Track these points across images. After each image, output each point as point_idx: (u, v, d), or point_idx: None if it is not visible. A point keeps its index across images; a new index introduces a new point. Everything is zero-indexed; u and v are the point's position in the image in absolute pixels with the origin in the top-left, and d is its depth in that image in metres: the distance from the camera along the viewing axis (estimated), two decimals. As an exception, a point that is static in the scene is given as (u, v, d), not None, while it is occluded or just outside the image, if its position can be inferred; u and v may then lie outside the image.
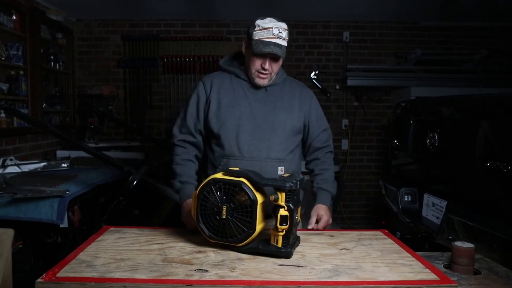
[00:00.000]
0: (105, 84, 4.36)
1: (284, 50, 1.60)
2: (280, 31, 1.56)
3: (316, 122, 1.80)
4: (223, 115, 1.65)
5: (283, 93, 1.73)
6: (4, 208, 2.05)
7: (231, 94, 1.68)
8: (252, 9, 4.09)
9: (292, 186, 1.25)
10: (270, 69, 1.63)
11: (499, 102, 2.04)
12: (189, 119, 1.72)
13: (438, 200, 2.37)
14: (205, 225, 1.33)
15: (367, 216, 4.69)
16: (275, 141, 1.66)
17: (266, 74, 1.64)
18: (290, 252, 1.27)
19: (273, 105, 1.69)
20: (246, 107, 1.66)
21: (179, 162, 1.69)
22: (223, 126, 1.65)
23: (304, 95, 1.78)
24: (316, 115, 1.80)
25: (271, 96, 1.70)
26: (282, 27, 1.58)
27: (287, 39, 1.60)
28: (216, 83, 1.71)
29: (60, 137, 2.68)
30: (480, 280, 1.30)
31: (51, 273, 1.12)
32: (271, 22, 1.56)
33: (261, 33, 1.56)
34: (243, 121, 1.64)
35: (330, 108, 4.59)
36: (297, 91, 1.77)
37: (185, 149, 1.72)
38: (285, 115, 1.68)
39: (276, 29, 1.56)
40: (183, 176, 1.66)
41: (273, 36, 1.56)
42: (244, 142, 1.64)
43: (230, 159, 1.64)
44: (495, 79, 4.04)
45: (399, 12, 4.20)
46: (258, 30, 1.57)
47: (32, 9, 3.42)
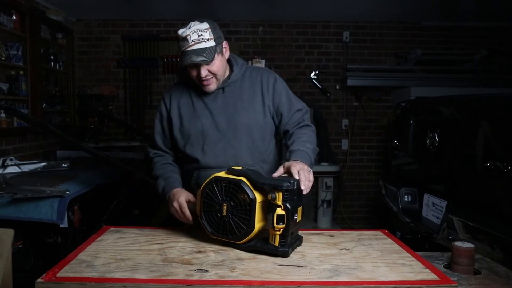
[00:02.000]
0: (105, 84, 4.36)
1: (210, 52, 1.49)
2: (200, 34, 1.47)
3: (285, 107, 1.65)
4: (186, 130, 1.63)
5: (242, 90, 1.64)
6: (4, 208, 2.05)
7: (191, 106, 1.64)
8: (252, 9, 4.09)
9: (289, 186, 1.26)
10: (208, 74, 1.54)
11: (499, 102, 2.04)
12: (157, 138, 1.72)
13: (438, 200, 2.37)
14: (207, 222, 1.36)
15: (367, 216, 4.69)
16: (241, 147, 1.61)
17: (208, 81, 1.56)
18: (287, 251, 1.28)
19: (234, 108, 1.61)
20: (207, 118, 1.61)
21: (158, 167, 1.70)
22: (188, 141, 1.64)
23: (265, 83, 1.65)
24: (284, 99, 1.66)
25: (230, 98, 1.62)
26: (202, 28, 1.48)
27: (213, 36, 1.50)
28: (175, 97, 1.67)
29: (60, 137, 2.69)
30: (480, 280, 1.30)
31: (51, 273, 1.12)
32: (188, 29, 1.48)
33: (182, 44, 1.50)
34: (206, 132, 1.61)
35: (330, 108, 4.59)
36: (257, 82, 1.65)
37: (162, 157, 1.73)
38: (247, 117, 1.61)
39: (194, 34, 1.47)
40: (165, 174, 1.66)
41: (192, 43, 1.47)
42: (210, 154, 1.61)
43: (200, 171, 1.63)
44: (495, 79, 4.04)
45: (399, 12, 4.20)
46: (180, 41, 1.50)
47: (32, 9, 3.42)
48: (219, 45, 1.53)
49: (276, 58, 4.51)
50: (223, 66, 1.59)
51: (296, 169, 1.37)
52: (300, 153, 1.50)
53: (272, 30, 4.51)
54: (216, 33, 1.51)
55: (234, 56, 1.70)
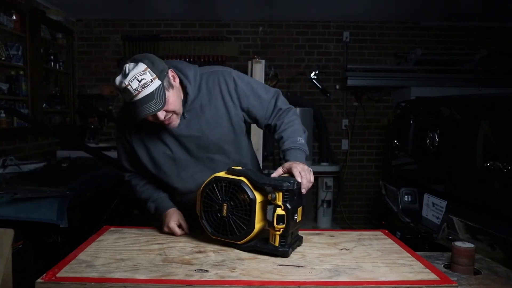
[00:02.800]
0: (105, 84, 4.36)
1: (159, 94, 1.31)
2: (140, 80, 1.29)
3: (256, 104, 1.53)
4: (157, 160, 1.52)
5: (203, 107, 1.49)
6: (4, 208, 2.05)
7: (154, 133, 1.50)
8: (252, 9, 4.09)
9: (289, 186, 1.26)
10: (166, 115, 1.38)
11: (499, 102, 2.04)
12: (125, 165, 1.62)
13: (438, 200, 2.37)
14: (207, 222, 1.36)
15: (367, 216, 4.69)
16: (217, 165, 1.51)
17: (169, 120, 1.41)
18: (287, 251, 1.28)
19: (199, 127, 1.48)
20: (174, 144, 1.50)
21: (140, 190, 1.63)
22: (161, 170, 1.53)
23: (226, 92, 1.49)
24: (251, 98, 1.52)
25: (193, 119, 1.48)
26: (139, 71, 1.30)
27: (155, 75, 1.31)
28: (134, 126, 1.50)
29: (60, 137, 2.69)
30: (480, 280, 1.30)
31: (51, 273, 1.12)
32: (125, 78, 1.30)
33: (125, 96, 1.33)
34: (178, 159, 1.51)
35: (330, 108, 4.59)
36: (217, 93, 1.49)
37: (138, 178, 1.65)
38: (214, 135, 1.49)
39: (134, 82, 1.29)
40: (153, 196, 1.60)
41: (136, 92, 1.29)
42: (188, 179, 1.53)
43: (182, 196, 1.58)
44: (495, 79, 4.05)
45: (399, 12, 4.20)
46: (121, 93, 1.34)
47: (32, 9, 3.42)
48: (165, 79, 1.36)
49: (276, 58, 4.51)
50: (179, 98, 1.44)
51: (297, 170, 1.34)
52: (294, 152, 1.44)
53: (272, 30, 4.51)
54: (157, 69, 1.33)
55: (183, 72, 1.49)
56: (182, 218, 1.54)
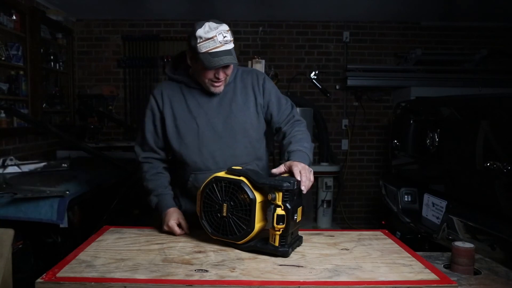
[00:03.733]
0: (105, 84, 4.36)
1: (234, 53, 1.49)
2: (224, 35, 1.45)
3: (275, 105, 1.67)
4: (181, 132, 1.59)
5: (236, 92, 1.63)
6: (4, 208, 2.05)
7: (184, 106, 1.60)
8: (252, 9, 4.09)
9: (289, 186, 1.26)
10: (224, 77, 1.54)
11: (499, 102, 2.04)
12: (148, 137, 1.66)
13: (438, 200, 2.37)
14: (208, 222, 1.36)
15: (367, 216, 4.69)
16: (238, 147, 1.60)
17: (221, 82, 1.55)
18: (287, 251, 1.28)
19: (229, 108, 1.60)
20: (202, 118, 1.59)
21: (148, 178, 1.65)
22: (183, 143, 1.59)
23: (256, 83, 1.66)
24: (274, 98, 1.68)
25: (225, 99, 1.61)
26: (225, 29, 1.46)
27: (232, 39, 1.48)
28: (167, 96, 1.62)
29: (60, 137, 2.69)
30: (480, 280, 1.30)
31: (51, 273, 1.12)
32: (212, 30, 1.44)
33: (207, 45, 1.44)
34: (202, 133, 1.58)
35: (330, 108, 4.59)
36: (249, 83, 1.66)
37: (151, 164, 1.67)
38: (242, 117, 1.61)
39: (220, 36, 1.44)
40: (157, 190, 1.62)
41: (220, 44, 1.44)
42: (208, 155, 1.59)
43: (197, 174, 1.60)
44: (495, 79, 4.04)
45: (399, 12, 4.20)
46: (202, 42, 1.44)
47: (32, 9, 3.42)
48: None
49: (276, 58, 4.51)
50: None
51: (298, 169, 1.37)
52: (299, 153, 1.49)
53: (272, 30, 4.51)
54: (232, 36, 1.50)
55: None
56: (182, 218, 1.55)
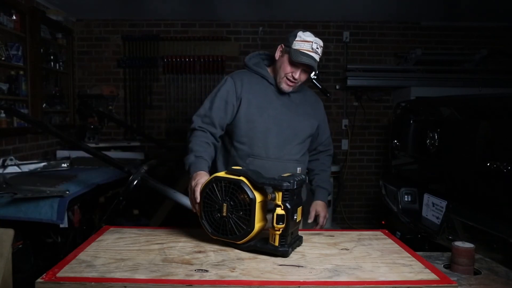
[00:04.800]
0: (105, 84, 4.36)
1: (316, 65, 1.69)
2: (317, 47, 1.66)
3: (323, 129, 1.95)
4: (253, 116, 1.72)
5: (302, 100, 1.84)
6: (4, 208, 2.05)
7: (262, 96, 1.75)
8: (252, 9, 4.09)
9: (289, 186, 1.26)
10: (299, 79, 1.71)
11: (499, 102, 2.04)
12: (215, 112, 1.70)
13: (438, 200, 2.37)
14: (208, 222, 1.36)
15: (367, 216, 4.69)
16: (295, 144, 1.78)
17: (294, 83, 1.72)
18: (287, 251, 1.28)
19: (295, 111, 1.79)
20: (273, 111, 1.74)
21: (197, 142, 1.64)
22: (253, 126, 1.72)
23: (317, 104, 1.92)
24: (324, 122, 1.96)
25: (294, 102, 1.81)
26: (320, 44, 1.68)
27: (320, 55, 1.69)
28: (247, 83, 1.76)
29: (60, 137, 2.68)
30: (480, 280, 1.30)
31: (51, 273, 1.12)
32: (311, 37, 1.66)
33: (301, 44, 1.64)
34: (271, 124, 1.72)
35: (330, 108, 4.58)
36: (312, 100, 1.91)
37: (205, 134, 1.69)
38: (304, 122, 1.81)
39: (315, 44, 1.65)
40: (200, 152, 1.60)
41: (311, 50, 1.64)
42: (271, 144, 1.72)
43: (256, 159, 1.72)
44: (495, 79, 4.04)
45: (399, 12, 4.20)
46: (299, 41, 1.65)
47: (32, 9, 3.42)
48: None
49: (276, 58, 4.50)
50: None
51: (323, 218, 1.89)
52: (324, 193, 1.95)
53: (272, 30, 4.51)
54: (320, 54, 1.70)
55: None
56: None
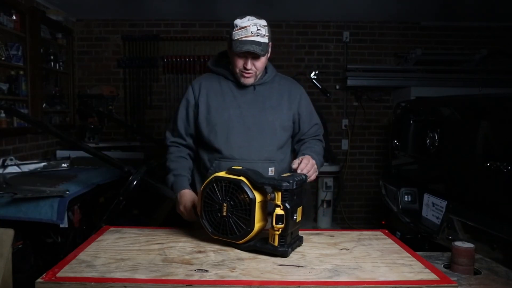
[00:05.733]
0: (105, 84, 4.36)
1: (264, 47, 1.58)
2: (258, 28, 1.56)
3: (306, 118, 1.78)
4: (213, 120, 1.67)
5: (272, 92, 1.73)
6: (4, 208, 2.05)
7: (220, 97, 1.70)
8: (252, 9, 4.08)
9: (288, 185, 1.26)
10: (253, 68, 1.62)
11: (499, 102, 2.04)
12: (179, 124, 1.75)
13: (438, 200, 2.37)
14: (208, 221, 1.37)
15: (367, 216, 4.69)
16: (264, 142, 1.68)
17: (250, 73, 1.63)
18: (286, 251, 1.28)
19: (262, 105, 1.69)
20: (235, 109, 1.67)
21: (172, 159, 1.74)
22: (213, 129, 1.67)
23: (294, 92, 1.77)
24: (306, 111, 1.79)
25: (260, 96, 1.71)
26: (261, 24, 1.58)
27: (268, 35, 1.60)
28: (205, 86, 1.73)
29: (60, 137, 2.68)
30: (480, 280, 1.30)
31: (51, 273, 1.12)
32: (248, 21, 1.56)
33: (239, 33, 1.56)
34: (233, 123, 1.66)
35: (330, 108, 4.59)
36: (286, 89, 1.76)
37: (178, 148, 1.77)
38: (273, 115, 1.69)
39: (254, 27, 1.55)
40: (177, 170, 1.70)
41: (251, 34, 1.55)
42: (234, 144, 1.66)
43: (221, 161, 1.67)
44: (495, 79, 4.04)
45: (399, 12, 4.20)
46: (236, 30, 1.57)
47: (32, 9, 3.42)
48: (269, 44, 1.63)
49: (276, 58, 4.50)
50: (264, 65, 1.68)
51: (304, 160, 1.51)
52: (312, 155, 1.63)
53: (272, 30, 4.48)
54: (269, 33, 1.61)
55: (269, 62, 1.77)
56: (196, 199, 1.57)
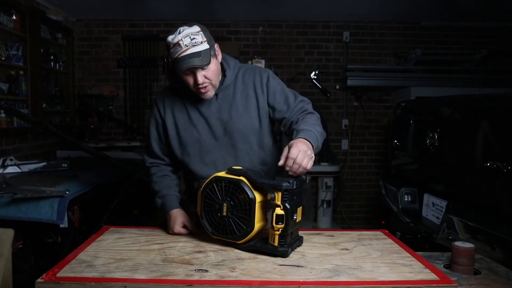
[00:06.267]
0: (105, 84, 4.36)
1: (205, 54, 1.42)
2: (192, 38, 1.40)
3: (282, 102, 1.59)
4: (183, 140, 1.59)
5: (235, 95, 1.59)
6: (4, 208, 2.05)
7: (185, 114, 1.59)
8: (252, 9, 4.09)
9: (288, 186, 1.26)
10: (205, 80, 1.47)
11: (499, 102, 2.04)
12: (153, 145, 1.67)
13: (438, 200, 2.37)
14: (208, 221, 1.37)
15: (367, 216, 4.69)
16: (240, 154, 1.59)
17: (205, 86, 1.49)
18: (286, 251, 1.28)
19: (228, 115, 1.57)
20: (203, 126, 1.58)
21: (155, 180, 1.67)
22: (185, 151, 1.60)
23: (258, 84, 1.60)
24: (278, 95, 1.60)
25: (224, 103, 1.58)
26: (193, 31, 1.42)
27: (206, 39, 1.44)
28: (169, 104, 1.62)
29: (60, 137, 2.68)
30: (480, 280, 1.30)
31: (51, 273, 1.12)
32: (179, 34, 1.41)
33: (175, 50, 1.41)
34: (203, 141, 1.58)
35: (330, 108, 4.59)
36: (250, 84, 1.60)
37: (158, 168, 1.69)
38: (242, 123, 1.57)
39: (186, 39, 1.40)
40: (162, 191, 1.64)
41: (186, 47, 1.40)
42: (210, 163, 1.59)
43: (201, 181, 1.56)
44: (495, 79, 4.05)
45: (399, 12, 4.20)
46: (172, 48, 1.43)
47: (32, 9, 3.42)
48: (212, 48, 1.47)
49: (276, 58, 4.51)
50: (218, 70, 1.54)
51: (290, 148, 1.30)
52: (307, 132, 1.41)
53: (272, 30, 4.51)
54: (207, 36, 1.46)
55: (226, 58, 1.62)
56: (187, 219, 1.55)
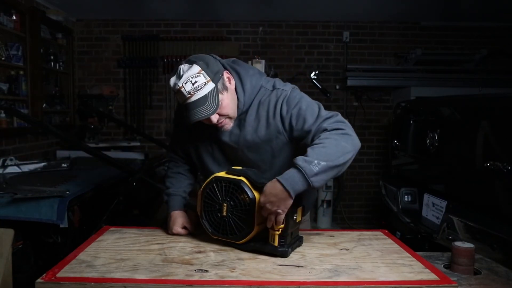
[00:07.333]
0: (105, 84, 4.36)
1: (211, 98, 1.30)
2: (193, 82, 1.28)
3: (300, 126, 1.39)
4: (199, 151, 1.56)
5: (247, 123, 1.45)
6: (4, 208, 2.05)
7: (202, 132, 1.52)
8: (252, 9, 4.09)
9: None
10: (219, 119, 1.38)
11: (499, 102, 2.04)
12: (175, 145, 1.70)
13: (438, 200, 2.37)
14: (208, 221, 1.37)
15: (367, 216, 4.69)
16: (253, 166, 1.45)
17: (221, 122, 1.40)
18: (286, 251, 1.28)
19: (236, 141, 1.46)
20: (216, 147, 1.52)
21: (169, 175, 1.69)
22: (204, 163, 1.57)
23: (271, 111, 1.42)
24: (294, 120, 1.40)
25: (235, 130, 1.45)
26: (193, 73, 1.29)
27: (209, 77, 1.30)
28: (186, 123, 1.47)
29: (60, 137, 2.69)
30: (480, 280, 1.30)
31: (51, 273, 1.12)
32: (179, 80, 1.29)
33: (178, 97, 1.33)
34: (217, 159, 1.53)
35: (330, 108, 4.54)
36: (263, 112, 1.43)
37: (176, 163, 1.71)
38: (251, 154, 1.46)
39: (188, 84, 1.28)
40: (171, 189, 1.65)
41: (189, 94, 1.28)
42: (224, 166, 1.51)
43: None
44: (495, 79, 4.05)
45: (399, 12, 4.20)
46: (175, 93, 1.34)
47: (32, 9, 3.42)
48: (219, 82, 1.34)
49: (276, 58, 4.51)
50: (233, 100, 1.40)
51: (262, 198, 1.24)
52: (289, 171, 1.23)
53: (272, 30, 4.51)
54: (211, 71, 1.31)
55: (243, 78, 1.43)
56: (187, 221, 1.54)
